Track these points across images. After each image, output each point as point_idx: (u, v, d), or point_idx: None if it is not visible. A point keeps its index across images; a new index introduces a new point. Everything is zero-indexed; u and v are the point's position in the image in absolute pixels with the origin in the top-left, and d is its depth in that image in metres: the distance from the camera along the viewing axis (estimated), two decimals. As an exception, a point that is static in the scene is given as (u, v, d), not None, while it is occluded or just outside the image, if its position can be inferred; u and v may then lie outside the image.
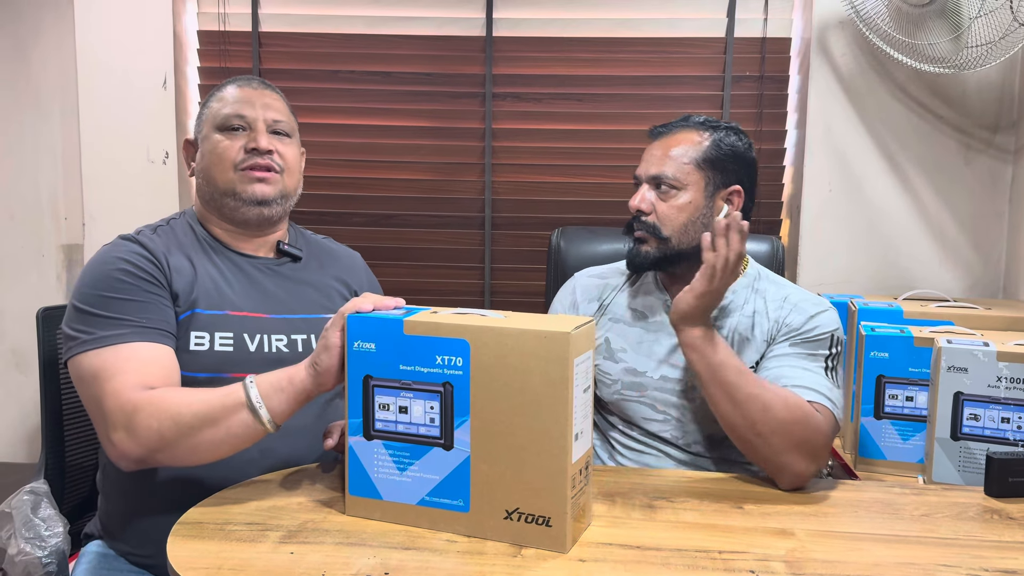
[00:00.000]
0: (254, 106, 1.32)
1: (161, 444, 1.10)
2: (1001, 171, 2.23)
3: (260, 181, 1.30)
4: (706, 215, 1.36)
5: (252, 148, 1.30)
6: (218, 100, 1.34)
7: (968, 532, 1.09)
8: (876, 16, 2.03)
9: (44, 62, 2.35)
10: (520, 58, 2.35)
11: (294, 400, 1.09)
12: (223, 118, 1.31)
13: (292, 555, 0.96)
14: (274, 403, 1.09)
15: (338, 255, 1.48)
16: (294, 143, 1.37)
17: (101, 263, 1.24)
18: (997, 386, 1.35)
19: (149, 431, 1.09)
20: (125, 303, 1.19)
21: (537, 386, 0.96)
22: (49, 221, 2.40)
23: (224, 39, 2.36)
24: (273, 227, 1.37)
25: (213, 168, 1.31)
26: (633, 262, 1.40)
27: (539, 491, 0.98)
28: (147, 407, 1.10)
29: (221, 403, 1.09)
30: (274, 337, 1.29)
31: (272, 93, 1.36)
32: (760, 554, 1.00)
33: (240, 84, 1.35)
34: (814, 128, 2.25)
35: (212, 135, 1.32)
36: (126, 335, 1.17)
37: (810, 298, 1.38)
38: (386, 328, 1.02)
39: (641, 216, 1.37)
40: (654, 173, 1.36)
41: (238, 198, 1.30)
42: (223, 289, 1.29)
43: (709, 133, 1.37)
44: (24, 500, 1.40)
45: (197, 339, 1.23)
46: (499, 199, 2.38)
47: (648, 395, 1.40)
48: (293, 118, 1.38)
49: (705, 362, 1.25)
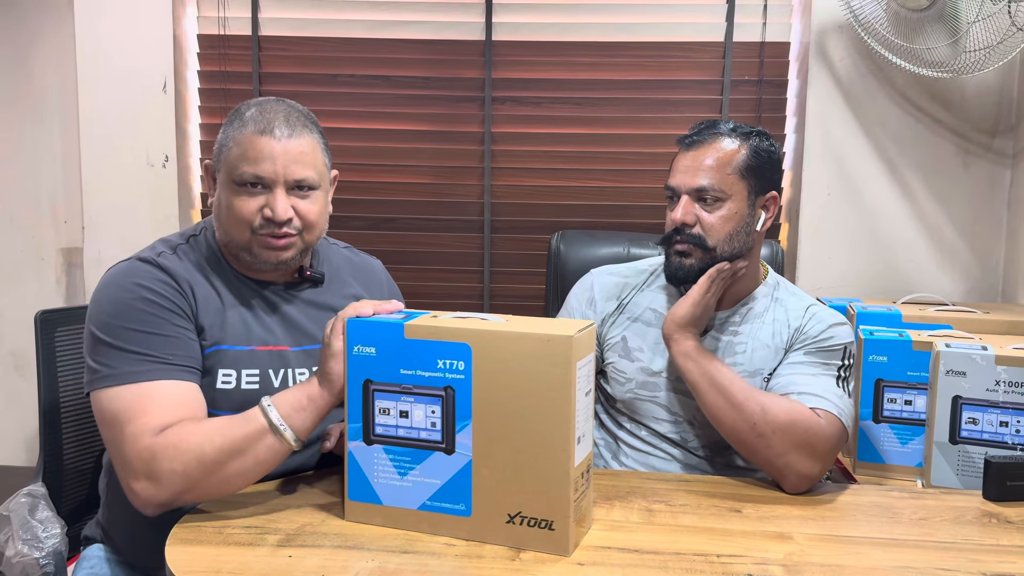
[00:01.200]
0: (275, 162, 1.17)
1: (187, 485, 1.06)
2: (999, 175, 2.24)
3: (277, 249, 1.21)
4: (749, 223, 1.35)
5: (268, 218, 1.18)
6: (236, 144, 1.18)
7: (966, 536, 1.09)
8: (874, 20, 2.04)
9: (44, 65, 2.35)
10: (519, 62, 2.35)
11: (316, 416, 1.09)
12: (239, 174, 1.17)
13: (290, 558, 0.97)
14: (296, 423, 1.08)
15: (357, 267, 1.42)
16: (320, 193, 1.23)
17: (120, 288, 1.16)
18: (995, 390, 1.35)
19: (173, 475, 1.06)
20: (148, 337, 1.13)
21: (539, 390, 0.96)
22: (49, 224, 2.40)
23: (224, 43, 2.36)
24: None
25: (229, 224, 1.20)
26: (676, 276, 1.37)
27: (541, 495, 0.98)
28: (167, 451, 1.06)
29: (244, 433, 1.07)
30: (297, 371, 1.25)
31: (299, 139, 1.19)
32: (758, 558, 1.00)
33: (262, 129, 1.17)
34: (813, 132, 2.25)
35: (228, 186, 1.19)
36: (151, 372, 1.12)
37: (829, 311, 1.40)
38: (386, 332, 1.02)
39: (686, 229, 1.34)
40: (697, 184, 1.33)
41: (255, 256, 1.21)
42: (250, 324, 1.24)
43: (744, 140, 1.35)
44: (22, 502, 1.40)
45: (224, 377, 1.20)
46: (498, 203, 2.38)
47: (661, 396, 1.40)
48: (324, 156, 1.24)
49: (701, 369, 1.28)
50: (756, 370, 1.37)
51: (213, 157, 1.24)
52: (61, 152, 2.37)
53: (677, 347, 1.31)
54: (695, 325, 1.33)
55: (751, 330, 1.39)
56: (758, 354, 1.37)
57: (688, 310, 1.32)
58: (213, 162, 1.24)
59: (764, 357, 1.37)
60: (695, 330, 1.33)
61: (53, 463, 1.51)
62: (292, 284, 1.30)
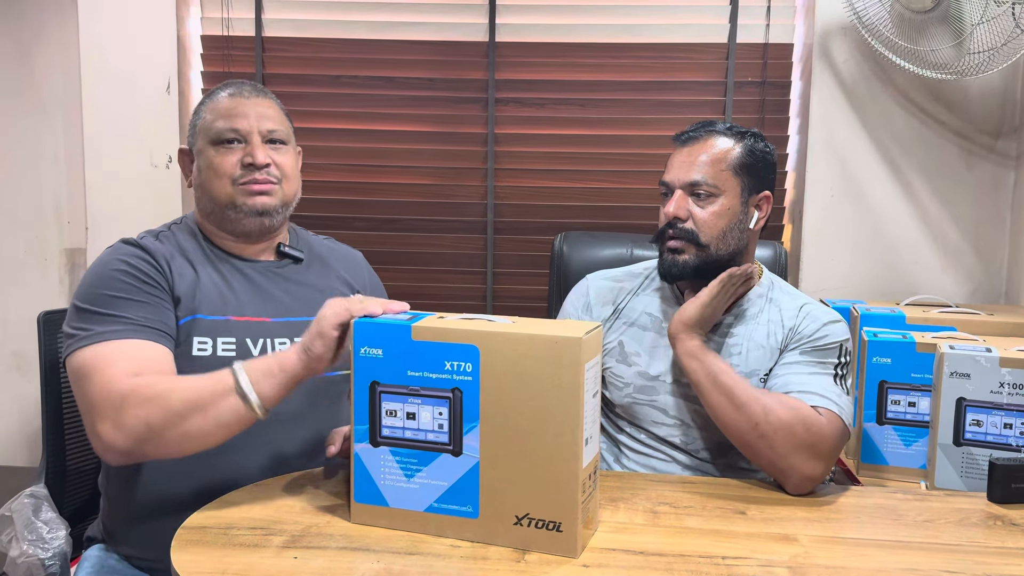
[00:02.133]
0: (248, 117, 1.30)
1: (149, 434, 1.08)
2: (1003, 177, 2.24)
3: (260, 194, 1.30)
4: (742, 221, 1.36)
5: (249, 164, 1.29)
6: (210, 111, 1.31)
7: (971, 538, 1.09)
8: (878, 22, 2.04)
9: (48, 66, 2.35)
10: (523, 63, 2.35)
11: (284, 386, 1.09)
12: (216, 132, 1.29)
13: (296, 560, 0.97)
14: (264, 388, 1.08)
15: (339, 255, 1.48)
16: (290, 148, 1.36)
17: (102, 264, 1.24)
18: (1000, 392, 1.35)
19: (136, 420, 1.08)
20: (124, 302, 1.20)
21: (547, 391, 0.96)
22: (52, 225, 2.40)
23: (228, 44, 2.36)
24: (274, 233, 1.37)
25: (211, 183, 1.30)
26: (669, 272, 1.37)
27: (549, 496, 0.98)
28: (134, 395, 1.09)
29: (210, 389, 1.08)
30: (277, 341, 1.29)
31: (265, 99, 1.34)
32: (763, 560, 1.00)
33: (231, 92, 1.32)
34: (816, 134, 2.25)
35: (207, 149, 1.30)
36: (123, 331, 1.17)
37: (824, 309, 1.40)
38: (394, 334, 1.02)
39: (678, 223, 1.35)
40: (691, 179, 1.34)
41: (238, 210, 1.30)
42: (225, 295, 1.29)
43: (739, 139, 1.36)
44: (25, 503, 1.41)
45: (200, 344, 1.24)
46: (502, 204, 2.38)
47: (659, 399, 1.40)
48: (288, 122, 1.37)
49: (705, 370, 1.28)
50: (752, 371, 1.37)
51: (188, 142, 1.37)
52: (64, 153, 2.37)
53: (682, 346, 1.32)
54: (701, 326, 1.33)
55: (746, 331, 1.39)
56: (753, 355, 1.37)
57: (696, 311, 1.32)
58: (188, 143, 1.35)
59: (759, 358, 1.37)
60: (701, 331, 1.33)
61: (55, 464, 1.51)
62: (273, 262, 1.37)
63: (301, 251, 1.40)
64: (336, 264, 1.45)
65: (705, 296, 1.32)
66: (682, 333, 1.32)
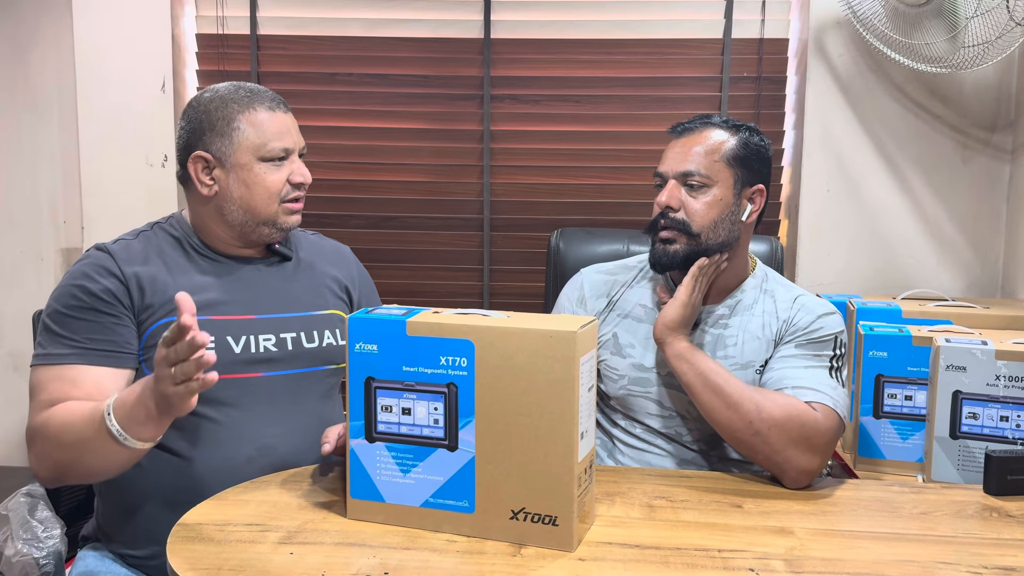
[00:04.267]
0: (292, 135, 1.33)
1: (58, 471, 1.18)
2: (999, 170, 2.24)
3: (296, 213, 1.34)
4: (734, 213, 1.36)
5: (299, 183, 1.33)
6: (254, 125, 1.28)
7: (967, 530, 1.09)
8: (873, 16, 2.04)
9: (42, 65, 2.35)
10: (518, 60, 2.35)
11: (157, 427, 1.09)
12: (269, 150, 1.29)
13: (292, 555, 0.97)
14: (136, 433, 1.09)
15: (328, 250, 1.49)
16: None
17: (68, 276, 1.27)
18: (996, 385, 1.35)
19: (45, 457, 1.17)
20: (74, 322, 1.22)
21: (543, 385, 0.96)
22: (48, 225, 2.40)
23: (222, 42, 2.36)
24: None
25: (256, 199, 1.30)
26: (660, 262, 1.38)
27: (545, 491, 0.98)
28: (40, 431, 1.16)
29: (93, 433, 1.11)
30: (262, 337, 1.30)
31: (290, 113, 1.35)
32: (760, 552, 1.00)
33: (270, 108, 1.30)
34: (812, 128, 2.25)
35: (255, 165, 1.29)
36: (66, 356, 1.21)
37: (818, 301, 1.40)
38: (388, 329, 1.02)
39: (669, 213, 1.35)
40: (684, 169, 1.34)
41: (275, 226, 1.32)
42: (206, 295, 1.27)
43: (734, 132, 1.37)
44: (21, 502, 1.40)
45: None
46: (498, 200, 2.38)
47: (653, 391, 1.40)
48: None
49: (695, 371, 1.28)
50: (747, 363, 1.37)
51: (213, 150, 1.29)
52: (60, 152, 2.37)
53: (670, 349, 1.32)
54: (685, 326, 1.34)
55: (741, 323, 1.39)
56: (748, 346, 1.38)
57: (677, 312, 1.33)
58: (215, 152, 1.29)
59: (755, 349, 1.38)
60: (685, 330, 1.34)
61: (52, 463, 1.51)
62: (262, 259, 1.37)
63: (290, 248, 1.41)
64: (325, 260, 1.45)
65: (683, 295, 1.33)
66: (668, 336, 1.32)
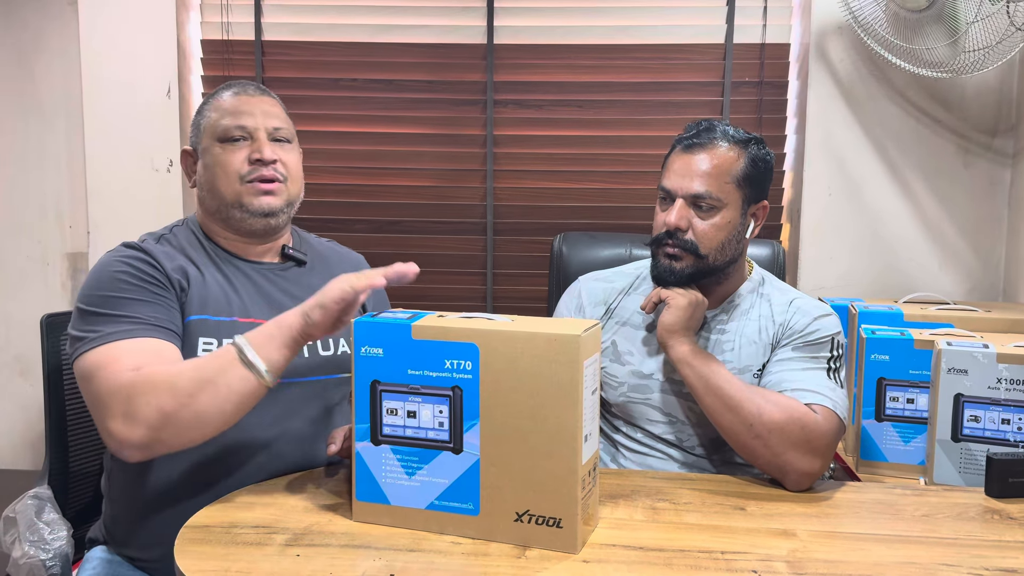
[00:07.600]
0: (254, 115, 1.31)
1: (163, 420, 1.07)
2: (1000, 175, 2.25)
3: (267, 193, 1.30)
4: (740, 231, 1.36)
5: (256, 159, 1.29)
6: (215, 109, 1.32)
7: (969, 532, 1.10)
8: (874, 21, 2.05)
9: (48, 71, 2.36)
10: (521, 65, 2.36)
11: (285, 346, 1.09)
12: (223, 129, 1.30)
13: (298, 557, 0.97)
14: (266, 352, 1.08)
15: (343, 257, 1.49)
16: (294, 148, 1.37)
17: (104, 266, 1.24)
18: (997, 388, 1.36)
19: (148, 408, 1.06)
20: (128, 302, 1.19)
21: (547, 389, 0.97)
22: (54, 229, 2.41)
23: (228, 48, 2.38)
24: (278, 234, 1.38)
25: (218, 181, 1.30)
26: (665, 279, 1.36)
27: (549, 493, 0.99)
28: (140, 384, 1.08)
29: (215, 364, 1.09)
30: None
31: (269, 99, 1.35)
32: (762, 554, 1.01)
33: (236, 91, 1.33)
34: (813, 133, 2.26)
35: (213, 147, 1.30)
36: (130, 331, 1.16)
37: (813, 303, 1.41)
38: (394, 333, 1.03)
39: (678, 234, 1.34)
40: (695, 191, 1.32)
41: (245, 210, 1.30)
42: (231, 296, 1.29)
43: (743, 148, 1.34)
44: (28, 505, 1.41)
45: (205, 344, 1.23)
46: (501, 205, 2.39)
47: (653, 397, 1.41)
48: (291, 122, 1.38)
49: (698, 374, 1.29)
50: (745, 367, 1.37)
51: (191, 142, 1.37)
52: (66, 157, 2.38)
53: (673, 352, 1.32)
54: (688, 328, 1.33)
55: (738, 327, 1.40)
56: (746, 351, 1.38)
57: (674, 315, 1.32)
58: (192, 143, 1.35)
59: (752, 353, 1.38)
60: (689, 333, 1.33)
61: (58, 466, 1.52)
62: (277, 264, 1.37)
63: (304, 254, 1.41)
64: (339, 267, 1.44)
65: (679, 300, 1.33)
66: (669, 339, 1.32)
